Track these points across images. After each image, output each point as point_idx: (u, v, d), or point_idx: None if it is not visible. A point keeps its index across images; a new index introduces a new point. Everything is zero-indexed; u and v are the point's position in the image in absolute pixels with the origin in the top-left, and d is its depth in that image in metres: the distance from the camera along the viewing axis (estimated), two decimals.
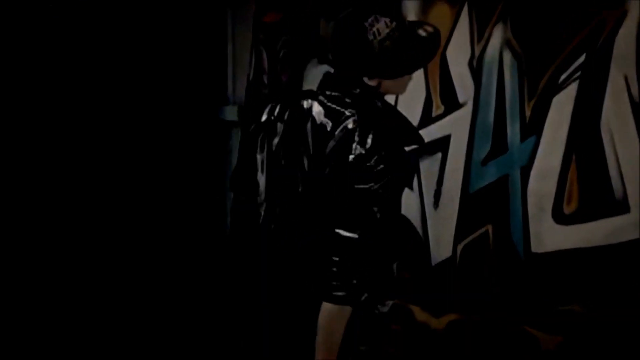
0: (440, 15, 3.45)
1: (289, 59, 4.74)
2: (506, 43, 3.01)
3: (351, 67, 1.96)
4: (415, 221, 3.49)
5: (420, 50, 2.00)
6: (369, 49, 1.91)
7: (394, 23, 1.93)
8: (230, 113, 5.27)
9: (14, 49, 4.19)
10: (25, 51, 4.24)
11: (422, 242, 3.47)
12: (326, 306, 1.79)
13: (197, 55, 5.00)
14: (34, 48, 4.26)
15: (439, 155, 3.34)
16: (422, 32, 2.00)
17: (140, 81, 4.66)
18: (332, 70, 2.05)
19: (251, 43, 5.16)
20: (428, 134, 3.45)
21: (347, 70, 1.98)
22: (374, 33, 1.90)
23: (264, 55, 5.03)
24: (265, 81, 5.00)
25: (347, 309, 1.79)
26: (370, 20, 1.92)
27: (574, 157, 2.71)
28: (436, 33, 2.05)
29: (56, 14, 4.30)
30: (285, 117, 2.01)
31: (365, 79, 1.96)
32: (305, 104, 1.99)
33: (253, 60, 5.13)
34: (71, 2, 4.35)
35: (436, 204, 3.41)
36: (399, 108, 3.58)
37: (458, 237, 3.22)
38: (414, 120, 3.54)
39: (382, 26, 1.91)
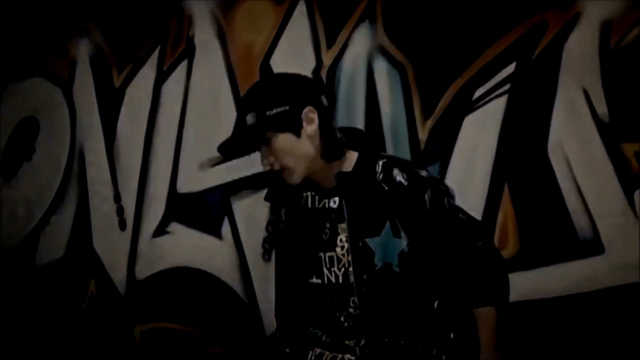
0: (256, 14, 2.68)
1: None
2: (378, 49, 2.39)
3: None
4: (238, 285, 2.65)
5: None
6: None
7: None
8: None
9: None
10: None
11: (252, 311, 2.66)
12: None
13: None
14: None
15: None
16: None
17: None
18: None
19: None
20: (239, 167, 2.64)
21: None
22: None
23: None
24: None
25: None
26: None
27: (506, 188, 2.18)
28: None
29: None
30: None
31: None
32: None
33: None
34: None
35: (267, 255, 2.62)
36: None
37: None
38: (207, 151, 2.70)
39: None
